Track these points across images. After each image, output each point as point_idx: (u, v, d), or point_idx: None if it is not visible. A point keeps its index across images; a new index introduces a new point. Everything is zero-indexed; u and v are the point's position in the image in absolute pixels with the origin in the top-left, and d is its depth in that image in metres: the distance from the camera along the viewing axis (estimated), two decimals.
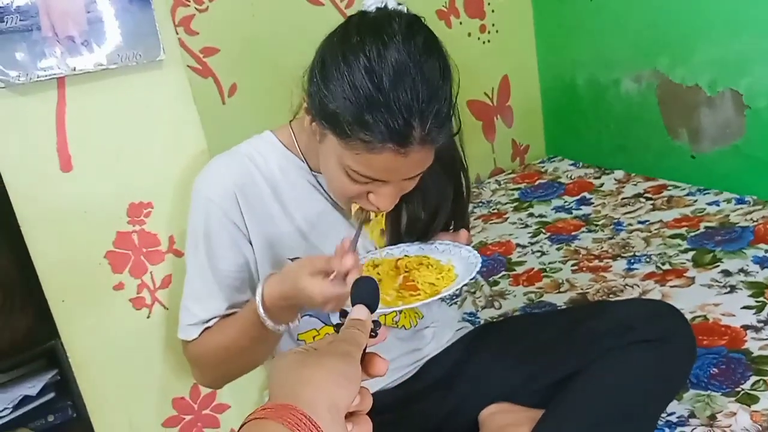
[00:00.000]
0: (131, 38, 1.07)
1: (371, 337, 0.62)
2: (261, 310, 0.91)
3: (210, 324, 1.03)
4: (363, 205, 0.96)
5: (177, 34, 1.16)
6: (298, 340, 1.08)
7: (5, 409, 1.29)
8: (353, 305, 0.66)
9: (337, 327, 0.64)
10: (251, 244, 1.02)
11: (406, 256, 1.05)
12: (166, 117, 1.12)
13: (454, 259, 1.01)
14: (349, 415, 0.56)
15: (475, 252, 0.99)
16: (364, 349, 0.60)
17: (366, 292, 0.67)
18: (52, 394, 1.45)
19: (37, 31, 1.00)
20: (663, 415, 1.18)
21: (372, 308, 0.66)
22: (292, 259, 1.03)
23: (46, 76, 1.00)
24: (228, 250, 1.01)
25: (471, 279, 0.93)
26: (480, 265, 0.95)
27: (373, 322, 0.64)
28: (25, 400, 1.40)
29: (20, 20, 0.99)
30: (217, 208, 0.99)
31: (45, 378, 1.45)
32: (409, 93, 0.83)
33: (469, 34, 2.57)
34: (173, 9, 1.91)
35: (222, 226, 1.00)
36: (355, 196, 0.94)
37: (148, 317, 1.14)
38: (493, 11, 2.58)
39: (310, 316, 1.07)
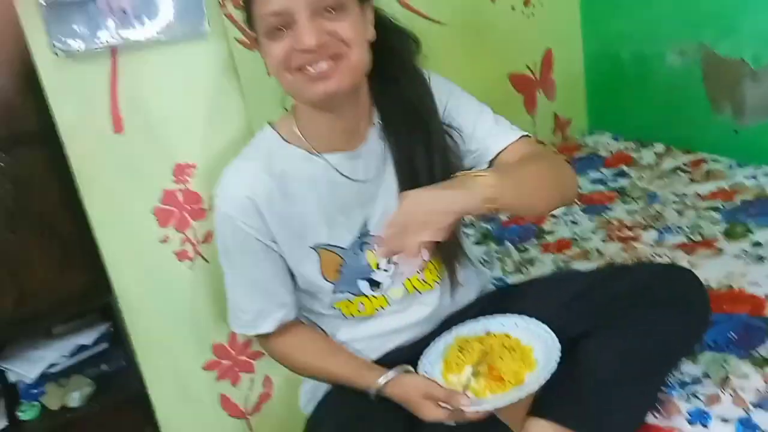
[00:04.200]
0: (179, 12, 1.16)
1: None
2: (372, 394, 1.07)
3: (280, 316, 1.13)
4: (299, 62, 0.97)
5: (224, 7, 1.23)
6: (333, 307, 1.16)
7: (62, 356, 1.41)
8: None
9: None
10: (275, 242, 1.09)
11: (488, 332, 1.13)
12: (210, 86, 1.21)
13: (533, 339, 1.10)
14: None
15: (553, 335, 1.08)
16: None
17: None
18: (105, 345, 1.57)
19: (92, 3, 1.09)
20: (676, 374, 1.21)
21: None
22: (317, 248, 1.09)
23: (100, 45, 1.10)
24: (262, 253, 1.09)
25: (552, 370, 1.02)
26: (559, 351, 1.04)
27: None
28: (81, 349, 1.52)
29: None
30: (240, 223, 1.06)
31: (100, 329, 1.56)
32: None
33: (513, 8, 2.55)
34: None
35: (249, 236, 1.07)
36: (287, 58, 0.97)
37: (190, 269, 1.24)
38: None
39: (343, 292, 1.14)
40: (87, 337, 1.52)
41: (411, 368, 1.09)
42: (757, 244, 1.57)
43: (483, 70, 2.50)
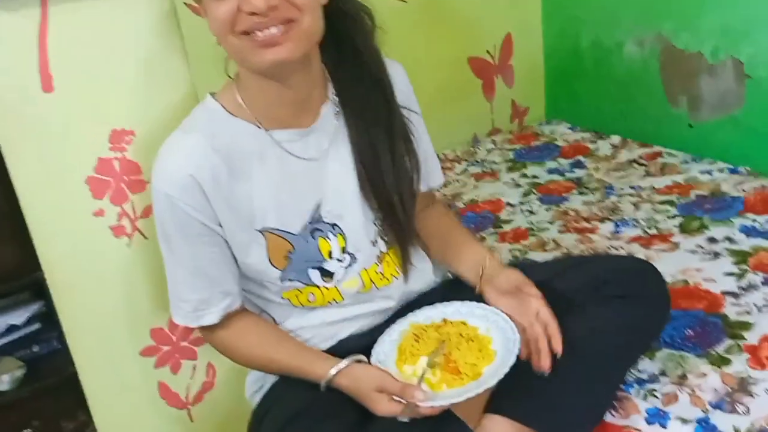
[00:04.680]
0: None
1: None
2: (322, 385, 1.01)
3: (224, 306, 1.05)
4: (246, 26, 0.91)
5: None
6: (282, 298, 1.09)
7: None
8: None
9: None
10: (221, 226, 1.00)
11: (444, 320, 1.08)
12: (151, 45, 1.10)
13: (492, 328, 1.05)
14: None
15: (513, 325, 1.03)
16: None
17: None
18: (37, 325, 1.47)
19: None
20: (634, 371, 1.19)
21: None
22: (264, 232, 1.02)
23: None
24: (204, 236, 1.00)
25: (511, 364, 0.98)
26: (519, 343, 1.00)
27: None
28: (11, 329, 1.41)
29: None
30: (181, 203, 0.97)
31: (31, 309, 1.46)
32: None
33: None
34: None
35: (191, 217, 0.98)
36: (232, 21, 0.90)
37: (128, 246, 1.14)
38: None
39: (291, 280, 1.06)
40: (18, 317, 1.42)
41: (364, 358, 1.03)
42: (713, 239, 1.58)
43: (442, 52, 2.45)
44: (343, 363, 1.01)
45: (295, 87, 1.00)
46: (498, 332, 1.05)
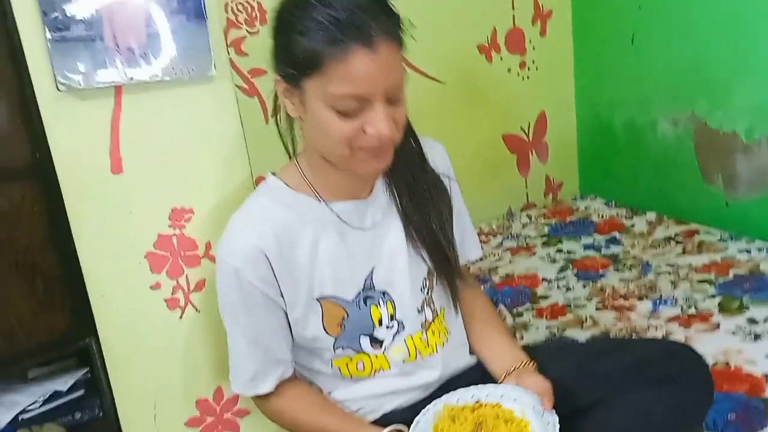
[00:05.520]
0: (186, 53, 1.13)
1: None
2: None
3: (278, 375, 1.09)
4: (364, 144, 0.97)
5: (228, 54, 1.22)
6: (332, 367, 1.12)
7: (35, 402, 1.34)
8: None
9: None
10: (283, 297, 1.05)
11: (478, 402, 1.08)
12: (213, 130, 1.18)
13: (527, 411, 1.05)
14: None
15: (551, 411, 1.03)
16: None
17: None
18: (81, 392, 1.49)
19: (100, 41, 1.06)
20: None
21: None
22: (321, 300, 1.06)
23: (105, 83, 1.07)
24: (264, 308, 1.05)
25: None
26: (557, 426, 0.99)
27: None
28: (55, 395, 1.44)
29: (85, 30, 1.06)
30: (248, 274, 1.02)
31: (76, 375, 1.48)
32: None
33: (509, 70, 2.61)
34: (226, 30, 2.00)
35: (256, 289, 1.03)
36: (351, 138, 0.96)
37: (180, 318, 1.19)
38: (533, 48, 2.63)
39: (344, 348, 1.10)
40: (62, 383, 1.45)
41: (405, 428, 1.04)
42: (753, 320, 1.57)
43: (478, 129, 2.53)
44: (386, 430, 1.03)
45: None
46: (534, 415, 1.04)
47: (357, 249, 1.09)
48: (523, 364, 1.13)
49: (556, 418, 1.01)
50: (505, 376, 1.13)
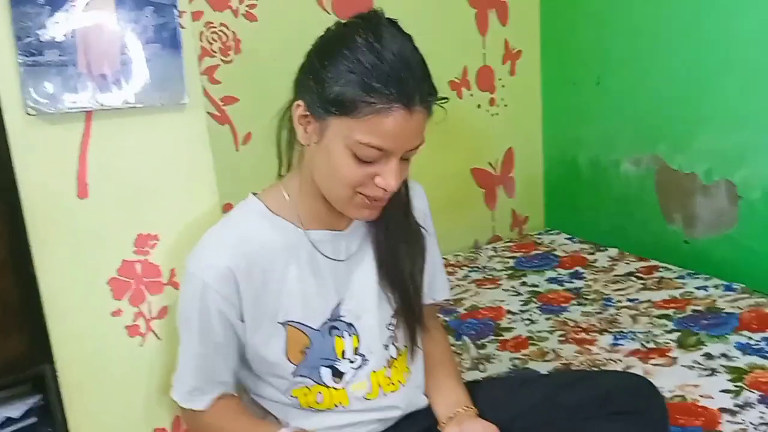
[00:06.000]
0: (159, 81, 1.14)
1: None
2: None
3: (215, 395, 1.10)
4: (368, 192, 1.00)
5: (200, 82, 1.24)
6: (290, 397, 1.11)
7: None
8: None
9: None
10: (242, 320, 1.06)
11: None
12: (182, 157, 1.18)
13: None
14: None
15: None
16: None
17: None
18: (34, 419, 1.46)
19: (72, 67, 1.07)
20: None
21: None
22: (286, 325, 1.07)
23: (75, 108, 1.07)
24: (221, 329, 1.05)
25: None
26: None
27: None
28: (8, 422, 1.41)
29: (58, 55, 1.06)
30: (213, 293, 1.02)
31: (30, 402, 1.45)
32: (409, 60, 0.94)
33: (479, 106, 2.67)
34: (200, 58, 2.02)
35: (217, 308, 1.03)
36: (359, 183, 0.98)
37: (141, 345, 1.18)
38: (503, 86, 2.70)
39: (303, 377, 1.09)
40: (15, 410, 1.42)
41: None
42: (709, 356, 1.60)
43: (447, 163, 2.57)
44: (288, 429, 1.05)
45: None
46: None
47: (328, 279, 1.10)
48: (465, 409, 1.14)
49: None
50: (447, 423, 1.13)
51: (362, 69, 0.93)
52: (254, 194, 1.11)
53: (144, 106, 1.13)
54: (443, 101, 1.03)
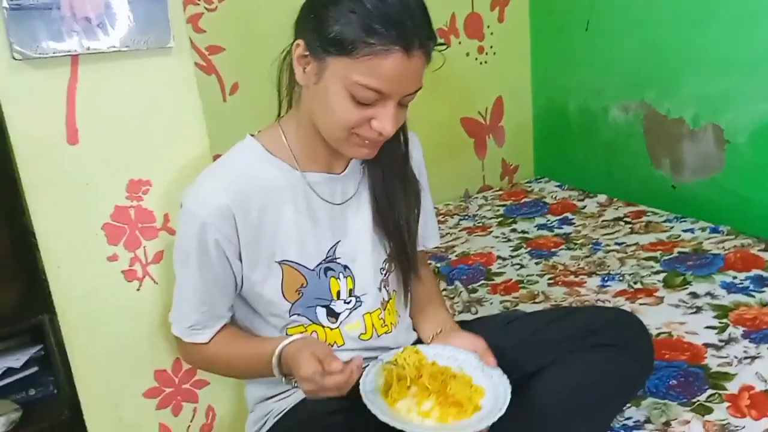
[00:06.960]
0: (144, 24, 1.13)
1: None
2: (276, 372, 1.03)
3: (216, 328, 1.11)
4: (364, 134, 1.00)
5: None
6: (286, 334, 1.12)
7: None
8: None
9: None
10: (241, 258, 1.07)
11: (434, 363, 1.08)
12: (171, 102, 1.18)
13: (465, 367, 1.08)
14: None
15: (499, 372, 1.07)
16: None
17: None
18: (35, 369, 1.49)
19: (56, 10, 1.05)
20: (620, 418, 1.24)
21: None
22: (282, 264, 1.08)
23: (61, 52, 1.06)
24: (219, 264, 1.06)
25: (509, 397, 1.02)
26: (506, 379, 1.05)
27: None
28: (8, 372, 1.43)
29: None
30: (212, 229, 1.03)
31: (30, 352, 1.48)
32: (411, 5, 0.95)
33: (467, 54, 2.65)
34: (183, 5, 1.98)
35: (216, 244, 1.04)
36: (356, 125, 0.99)
37: (138, 290, 1.19)
38: (492, 34, 2.67)
39: (299, 315, 1.11)
40: (16, 360, 1.44)
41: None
42: (695, 294, 1.64)
43: (436, 112, 2.56)
44: (298, 336, 1.06)
45: None
46: (474, 371, 1.07)
47: (323, 221, 1.11)
48: (449, 325, 1.17)
49: (500, 371, 1.05)
50: (432, 338, 1.17)
51: (364, 10, 0.93)
52: (252, 135, 1.12)
53: (130, 50, 1.11)
54: (442, 47, 1.02)
